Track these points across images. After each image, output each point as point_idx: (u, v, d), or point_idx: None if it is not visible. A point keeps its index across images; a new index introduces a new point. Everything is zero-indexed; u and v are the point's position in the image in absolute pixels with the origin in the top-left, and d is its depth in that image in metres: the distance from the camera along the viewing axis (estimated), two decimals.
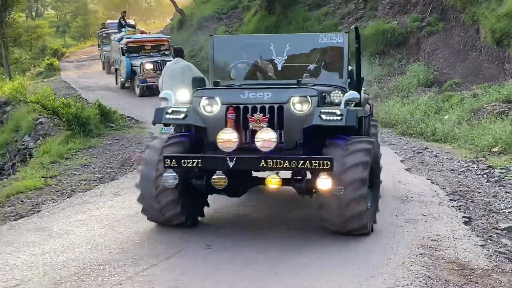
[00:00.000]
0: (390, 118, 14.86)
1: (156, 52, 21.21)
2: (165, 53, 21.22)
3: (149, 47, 21.21)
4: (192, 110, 6.35)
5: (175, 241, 6.13)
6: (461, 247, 5.97)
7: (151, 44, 21.48)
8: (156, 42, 21.79)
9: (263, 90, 6.19)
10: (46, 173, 10.13)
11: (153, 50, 21.21)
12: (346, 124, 5.87)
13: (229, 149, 5.73)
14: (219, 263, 5.46)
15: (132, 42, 21.30)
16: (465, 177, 9.54)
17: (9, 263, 5.58)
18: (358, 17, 22.00)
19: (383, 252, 5.76)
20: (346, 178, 5.69)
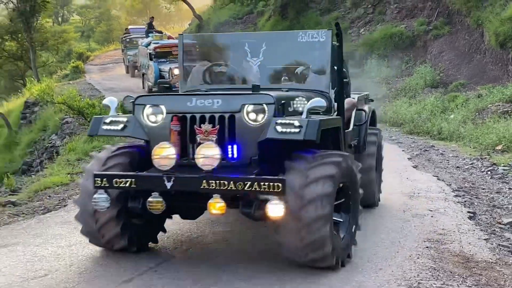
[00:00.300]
0: (398, 118, 14.80)
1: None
2: None
3: (176, 52, 20.67)
4: (133, 120, 5.32)
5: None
6: (465, 240, 5.93)
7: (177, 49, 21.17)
8: None
9: (214, 97, 5.04)
10: (72, 170, 10.20)
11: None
12: (305, 138, 4.59)
13: (165, 167, 4.66)
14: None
15: (160, 47, 20.43)
16: (470, 174, 9.48)
17: (38, 255, 5.63)
18: (367, 21, 21.92)
19: (391, 245, 5.74)
20: (307, 194, 4.56)
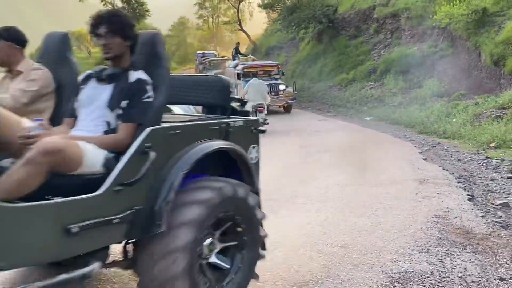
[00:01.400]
0: (411, 121, 14.51)
1: (268, 76, 18.52)
2: (275, 77, 18.68)
3: (261, 72, 18.64)
4: None
5: None
6: (465, 217, 5.81)
7: (263, 69, 18.96)
8: (268, 67, 19.22)
9: None
10: None
11: (264, 75, 18.55)
12: None
13: None
14: (284, 224, 5.52)
15: (248, 67, 18.96)
16: (469, 165, 9.22)
17: None
18: (386, 44, 21.53)
19: (405, 220, 5.69)
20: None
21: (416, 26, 20.02)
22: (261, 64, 20.10)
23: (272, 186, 7.46)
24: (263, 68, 19.09)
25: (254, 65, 19.29)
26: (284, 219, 5.77)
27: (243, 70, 18.60)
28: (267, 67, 19.26)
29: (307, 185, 7.49)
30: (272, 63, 20.18)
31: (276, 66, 19.36)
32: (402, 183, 7.53)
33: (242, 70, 18.67)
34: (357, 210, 6.10)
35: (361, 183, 7.56)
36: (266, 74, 18.65)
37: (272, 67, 19.16)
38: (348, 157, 9.83)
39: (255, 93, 13.22)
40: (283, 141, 12.17)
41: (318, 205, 6.35)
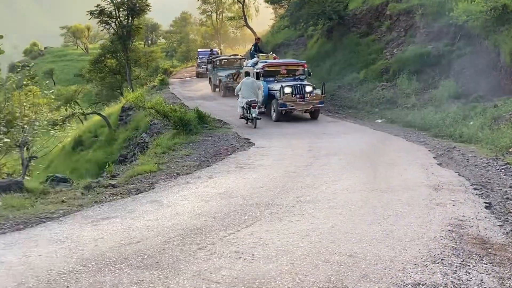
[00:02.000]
0: (425, 123, 14.43)
1: (291, 76, 17.17)
2: (300, 78, 17.14)
3: (284, 72, 17.21)
4: None
5: (253, 213, 6.21)
6: (482, 226, 5.75)
7: (287, 68, 17.43)
8: (292, 66, 17.66)
9: None
10: (159, 160, 10.44)
11: (288, 74, 17.19)
12: None
13: None
14: (288, 231, 5.49)
15: (269, 66, 17.23)
16: (486, 171, 9.14)
17: (132, 226, 5.81)
18: (399, 43, 21.45)
19: (418, 228, 5.64)
20: None
21: (432, 23, 19.94)
22: (284, 62, 18.36)
23: (277, 190, 7.43)
24: (287, 66, 17.59)
25: (276, 64, 17.66)
26: (289, 225, 5.73)
27: (263, 69, 16.97)
28: (291, 65, 17.75)
29: (314, 190, 7.45)
30: (297, 62, 18.48)
31: (302, 64, 17.78)
32: (415, 189, 7.48)
33: (262, 69, 16.98)
34: (367, 217, 6.06)
35: (372, 189, 7.51)
36: (289, 73, 17.25)
37: (297, 66, 17.64)
38: (358, 161, 9.77)
39: (248, 91, 15.67)
40: (289, 143, 12.14)
41: (325, 212, 6.31)
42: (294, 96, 15.86)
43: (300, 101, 15.92)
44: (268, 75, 16.96)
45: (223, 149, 11.54)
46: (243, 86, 15.72)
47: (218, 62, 26.60)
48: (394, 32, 22.22)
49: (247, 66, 18.38)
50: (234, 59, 27.64)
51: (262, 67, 17.06)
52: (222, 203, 6.77)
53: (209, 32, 69.73)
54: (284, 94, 15.79)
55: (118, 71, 36.93)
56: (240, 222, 5.88)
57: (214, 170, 9.25)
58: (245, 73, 17.57)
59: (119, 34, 33.25)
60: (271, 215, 6.14)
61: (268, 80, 16.84)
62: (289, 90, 15.89)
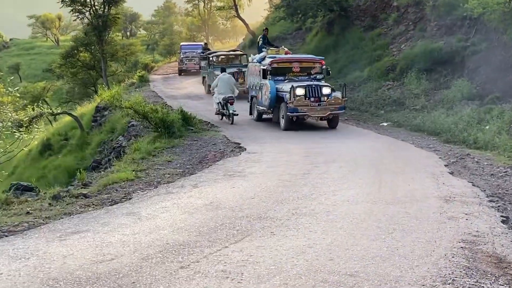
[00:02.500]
0: (435, 127, 14.51)
1: (306, 75, 15.94)
2: (317, 77, 15.98)
3: (297, 69, 15.97)
4: None
5: (243, 227, 6.21)
6: (498, 242, 5.78)
7: (301, 65, 16.10)
8: (307, 63, 16.30)
9: None
10: (137, 167, 10.41)
11: (301, 73, 15.97)
12: None
13: None
14: (282, 247, 5.49)
15: (278, 62, 15.93)
16: (503, 181, 9.20)
17: (106, 241, 5.78)
18: (408, 38, 21.59)
19: (427, 244, 5.65)
20: None
21: (444, 16, 20.10)
22: (297, 58, 16.96)
23: (270, 202, 7.43)
24: (300, 63, 16.20)
25: (286, 59, 16.29)
26: (283, 241, 5.73)
27: (271, 66, 15.70)
28: (306, 62, 16.38)
29: (311, 201, 7.46)
30: (314, 58, 16.92)
31: (319, 61, 16.40)
32: (424, 201, 7.50)
33: (269, 65, 15.73)
34: (370, 232, 6.07)
35: (375, 200, 7.53)
36: (303, 72, 16.00)
37: (313, 63, 16.35)
38: (361, 169, 9.80)
39: (225, 87, 16.70)
40: (284, 148, 12.16)
41: (323, 225, 6.32)
42: (308, 99, 14.63)
43: (315, 105, 14.65)
44: (277, 72, 15.71)
45: (210, 154, 11.53)
46: (220, 82, 16.87)
47: (215, 59, 25.14)
48: (402, 26, 22.37)
49: (253, 62, 17.43)
50: (233, 55, 26.59)
51: (269, 63, 15.78)
52: (208, 215, 6.75)
53: (195, 23, 69.83)
54: (296, 96, 14.52)
55: (92, 66, 36.84)
56: (228, 237, 5.87)
57: (200, 178, 9.23)
58: (262, 71, 16.18)
59: (94, 24, 33.18)
60: (263, 230, 6.13)
61: (277, 79, 15.62)
62: (301, 92, 14.70)
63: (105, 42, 34.26)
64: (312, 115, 14.71)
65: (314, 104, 14.65)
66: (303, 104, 14.55)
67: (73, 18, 37.71)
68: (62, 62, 38.19)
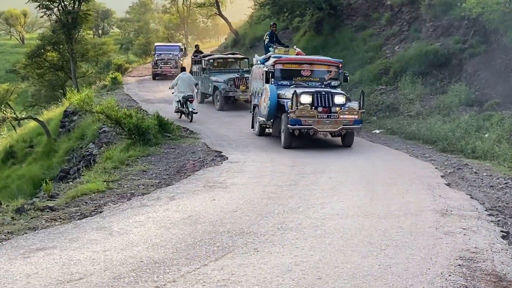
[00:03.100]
0: (431, 135, 14.63)
1: (318, 81, 14.47)
2: (331, 83, 14.49)
3: (307, 73, 14.51)
4: None
5: (224, 244, 6.19)
6: (498, 260, 5.83)
7: (312, 68, 14.61)
8: (319, 65, 14.74)
9: None
10: (108, 178, 10.34)
11: (313, 78, 14.53)
12: None
13: None
14: (266, 265, 5.49)
15: (283, 63, 14.42)
16: (504, 194, 9.30)
17: (74, 259, 5.72)
18: (402, 39, 21.79)
19: (422, 261, 5.68)
20: None
21: (440, 16, 20.33)
22: (308, 59, 15.30)
23: (253, 215, 7.42)
24: (311, 65, 14.71)
25: (294, 60, 14.77)
26: (268, 258, 5.73)
27: (274, 67, 14.28)
28: (319, 64, 14.85)
29: (298, 215, 7.46)
30: (329, 60, 15.30)
31: (335, 64, 14.93)
32: (419, 215, 7.55)
33: (273, 66, 14.30)
34: (361, 248, 6.09)
35: (367, 214, 7.56)
36: (315, 76, 14.61)
37: (328, 66, 14.82)
38: (351, 180, 9.84)
39: (185, 86, 18.53)
40: (269, 157, 12.17)
41: (311, 241, 6.32)
42: (315, 109, 13.06)
43: (324, 117, 13.02)
44: (282, 76, 14.28)
45: (189, 164, 11.50)
46: (180, 81, 18.71)
47: (210, 63, 23.07)
48: (396, 26, 22.58)
49: (257, 63, 16.11)
50: (233, 58, 24.36)
51: (273, 63, 14.31)
52: (186, 230, 6.72)
53: (173, 21, 69.72)
54: (299, 104, 12.93)
55: (60, 67, 36.61)
56: (207, 254, 5.84)
57: (177, 189, 9.19)
58: (265, 74, 14.57)
59: (63, 21, 33.00)
60: (246, 246, 6.12)
61: (282, 84, 14.19)
62: (307, 99, 13.16)
63: (75, 40, 34.07)
64: (319, 129, 13.06)
65: (323, 116, 13.00)
66: (308, 114, 12.88)
67: (40, 15, 37.47)
68: (27, 62, 37.87)
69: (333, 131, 13.31)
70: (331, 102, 13.29)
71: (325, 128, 13.11)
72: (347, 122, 13.09)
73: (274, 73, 14.21)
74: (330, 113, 13.13)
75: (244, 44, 33.76)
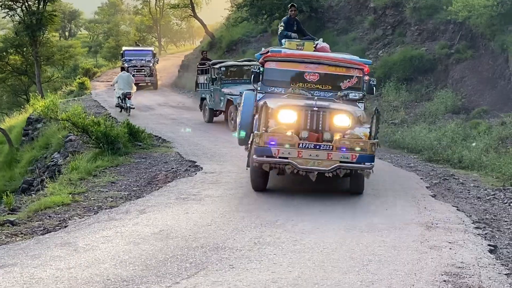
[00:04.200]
0: (416, 144, 14.77)
1: (330, 89, 10.30)
2: (348, 95, 10.29)
3: (314, 77, 10.34)
4: None
5: (197, 260, 6.16)
6: (485, 275, 5.89)
7: (322, 71, 10.38)
8: (335, 68, 10.43)
9: None
10: (74, 190, 10.25)
11: (323, 85, 10.33)
12: None
13: None
14: (242, 282, 5.48)
15: (277, 60, 10.53)
16: (491, 205, 9.42)
17: (36, 277, 5.65)
18: (386, 43, 22.02)
19: (406, 277, 5.72)
20: None
21: (426, 19, 20.59)
22: (318, 56, 10.68)
23: (229, 229, 7.41)
24: (321, 66, 10.41)
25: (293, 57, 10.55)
26: (244, 275, 5.72)
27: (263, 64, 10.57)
28: (334, 66, 10.48)
29: (276, 229, 7.47)
30: (351, 60, 10.79)
31: (360, 67, 10.61)
32: (403, 228, 7.61)
33: (261, 64, 10.64)
34: (342, 263, 6.11)
35: (348, 227, 7.60)
36: (327, 82, 10.39)
37: (347, 69, 10.52)
38: (331, 192, 9.87)
39: (124, 84, 21.52)
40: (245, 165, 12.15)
41: (290, 256, 6.33)
42: (299, 134, 9.20)
43: (310, 146, 9.02)
44: (274, 79, 10.49)
45: (161, 174, 11.45)
46: (120, 80, 21.85)
47: (223, 71, 19.47)
48: (379, 30, 22.80)
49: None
50: (249, 65, 18.83)
51: (262, 60, 10.67)
52: (157, 246, 6.68)
53: (145, 23, 69.61)
54: (272, 123, 9.27)
55: (24, 71, 36.32)
56: (179, 271, 5.81)
57: (148, 202, 9.13)
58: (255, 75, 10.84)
59: (27, 22, 32.76)
60: (220, 262, 6.11)
61: (271, 92, 10.34)
62: (289, 117, 9.38)
63: (40, 43, 33.85)
64: (300, 165, 8.96)
65: (308, 145, 9.00)
66: (283, 140, 9.03)
67: (1, 15, 37.07)
68: None
69: (324, 170, 9.02)
70: (326, 124, 9.30)
71: (310, 164, 8.97)
72: (347, 157, 8.98)
73: (259, 73, 10.49)
74: (321, 141, 9.12)
75: (221, 48, 33.75)
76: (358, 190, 9.77)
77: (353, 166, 9.08)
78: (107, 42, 64.63)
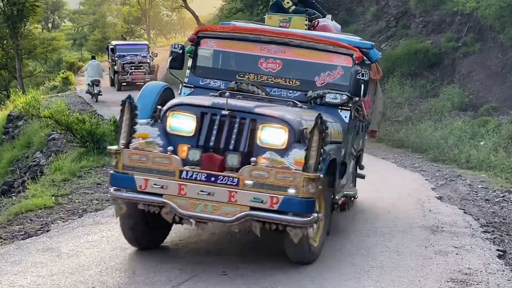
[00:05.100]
0: (421, 143, 14.79)
1: (296, 88, 7.11)
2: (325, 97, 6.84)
3: (275, 65, 7.27)
4: None
5: (189, 266, 6.15)
6: (494, 282, 5.90)
7: (285, 56, 7.27)
8: (309, 52, 7.20)
9: None
10: (57, 192, 10.20)
11: (285, 78, 7.19)
12: None
13: None
14: None
15: (217, 35, 7.49)
16: (500, 208, 9.43)
17: (16, 284, 5.63)
18: (389, 36, 22.04)
19: (410, 284, 5.72)
20: None
21: (431, 11, 20.60)
22: (283, 32, 7.45)
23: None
24: (288, 49, 7.28)
25: (248, 32, 7.38)
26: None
27: (193, 43, 7.41)
28: (307, 48, 7.27)
29: None
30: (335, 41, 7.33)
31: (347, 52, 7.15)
32: (407, 232, 7.61)
33: (193, 42, 7.46)
34: (342, 270, 6.09)
35: (349, 231, 7.59)
36: (294, 75, 7.22)
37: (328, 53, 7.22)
38: None
39: (94, 72, 24.79)
40: None
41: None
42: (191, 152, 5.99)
43: (200, 178, 5.74)
44: (211, 66, 7.66)
45: None
46: (89, 68, 25.26)
47: None
48: (382, 22, 22.82)
49: None
50: None
51: (193, 35, 7.60)
52: (146, 252, 6.67)
53: (134, 14, 69.48)
54: (127, 131, 6.04)
55: (4, 65, 36.21)
56: (169, 278, 5.80)
57: None
58: None
59: (7, 13, 32.70)
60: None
61: (204, 87, 7.26)
62: (187, 125, 6.14)
63: (21, 35, 33.79)
64: (181, 209, 5.74)
65: (196, 176, 5.75)
66: (155, 163, 5.88)
67: None
68: None
69: (222, 220, 5.70)
70: (243, 140, 5.96)
71: (198, 209, 5.72)
72: (262, 201, 5.58)
73: (194, 58, 7.49)
74: (222, 169, 5.84)
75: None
76: (301, 259, 6.16)
77: (271, 218, 5.58)
78: (92, 35, 64.59)
